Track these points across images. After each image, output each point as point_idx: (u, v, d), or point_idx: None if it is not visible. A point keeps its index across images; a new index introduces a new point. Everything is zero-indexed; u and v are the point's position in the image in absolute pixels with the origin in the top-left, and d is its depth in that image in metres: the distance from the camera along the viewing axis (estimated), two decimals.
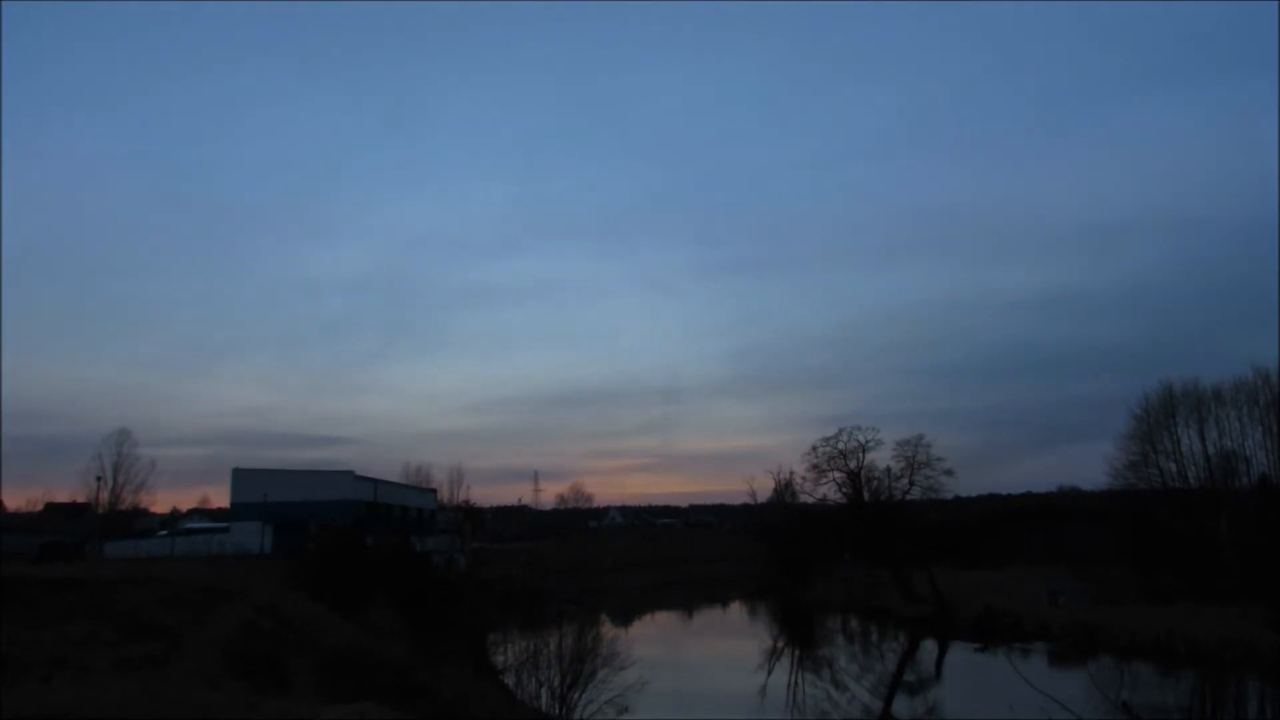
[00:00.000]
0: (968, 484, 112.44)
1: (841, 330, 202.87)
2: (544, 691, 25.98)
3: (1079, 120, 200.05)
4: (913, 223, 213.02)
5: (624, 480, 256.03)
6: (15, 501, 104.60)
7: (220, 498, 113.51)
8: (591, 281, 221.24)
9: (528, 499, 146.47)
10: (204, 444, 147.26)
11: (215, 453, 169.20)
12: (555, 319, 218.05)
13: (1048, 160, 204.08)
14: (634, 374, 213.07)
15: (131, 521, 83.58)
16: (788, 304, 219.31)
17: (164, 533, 75.88)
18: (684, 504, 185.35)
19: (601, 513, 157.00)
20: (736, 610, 75.79)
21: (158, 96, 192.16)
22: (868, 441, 65.23)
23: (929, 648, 48.60)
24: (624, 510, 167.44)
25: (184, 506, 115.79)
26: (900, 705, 35.95)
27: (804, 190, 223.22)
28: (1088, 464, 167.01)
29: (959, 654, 45.39)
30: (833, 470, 66.09)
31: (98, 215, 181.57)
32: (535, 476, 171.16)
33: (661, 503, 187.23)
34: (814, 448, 66.50)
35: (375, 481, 77.52)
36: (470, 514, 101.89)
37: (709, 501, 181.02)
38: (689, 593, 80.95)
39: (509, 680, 29.03)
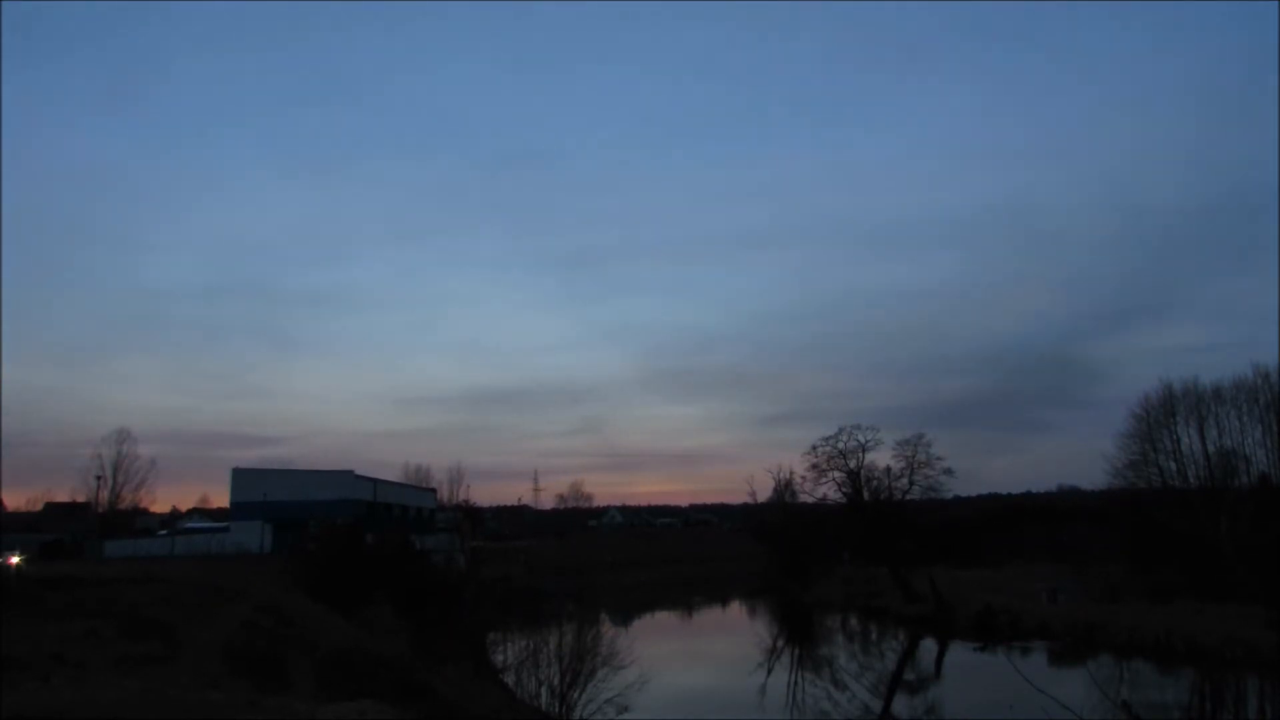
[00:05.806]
0: (960, 483, 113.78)
1: (739, 327, 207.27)
2: (544, 690, 25.99)
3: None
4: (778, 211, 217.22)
5: (574, 478, 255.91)
6: (15, 501, 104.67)
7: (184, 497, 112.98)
8: (447, 284, 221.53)
9: (527, 498, 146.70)
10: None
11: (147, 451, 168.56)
12: (432, 322, 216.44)
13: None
14: (535, 375, 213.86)
15: (131, 521, 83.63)
16: (661, 298, 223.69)
17: (164, 532, 76.05)
18: (684, 503, 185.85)
19: (601, 512, 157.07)
20: (736, 609, 75.73)
21: None
22: (867, 441, 65.30)
23: (928, 647, 48.55)
24: (624, 510, 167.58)
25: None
26: (900, 704, 35.93)
27: (647, 176, 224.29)
28: (1086, 464, 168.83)
29: (958, 653, 45.34)
30: (832, 470, 66.02)
31: None
32: (535, 476, 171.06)
33: (661, 502, 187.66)
34: (814, 447, 66.47)
35: (375, 481, 77.53)
36: (469, 513, 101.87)
37: (709, 501, 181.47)
38: (688, 592, 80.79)
39: (509, 679, 29.05)
